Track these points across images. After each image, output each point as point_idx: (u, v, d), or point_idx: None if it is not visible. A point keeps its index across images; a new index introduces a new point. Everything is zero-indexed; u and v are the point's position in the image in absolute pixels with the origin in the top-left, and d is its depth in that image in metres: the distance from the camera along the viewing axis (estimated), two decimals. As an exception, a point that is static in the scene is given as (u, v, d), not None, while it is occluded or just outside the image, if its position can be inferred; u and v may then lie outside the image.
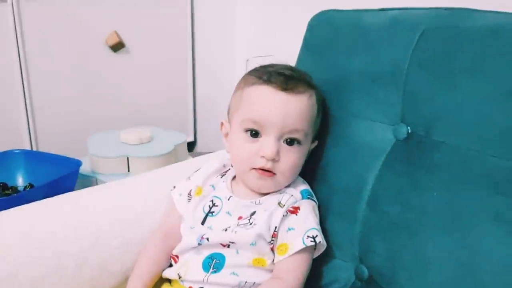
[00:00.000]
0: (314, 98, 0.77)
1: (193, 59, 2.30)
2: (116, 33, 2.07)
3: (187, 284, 0.75)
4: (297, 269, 0.73)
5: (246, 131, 0.76)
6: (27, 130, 1.89)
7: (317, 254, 0.76)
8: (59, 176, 1.36)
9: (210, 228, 0.77)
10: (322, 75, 0.81)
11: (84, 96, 2.02)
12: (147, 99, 2.19)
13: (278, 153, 0.74)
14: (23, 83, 1.86)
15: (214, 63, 2.27)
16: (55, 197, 0.85)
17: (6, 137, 1.83)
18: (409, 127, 0.70)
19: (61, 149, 1.74)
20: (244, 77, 0.80)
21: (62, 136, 1.95)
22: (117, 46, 2.09)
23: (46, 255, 0.74)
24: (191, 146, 2.41)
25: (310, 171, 0.81)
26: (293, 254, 0.72)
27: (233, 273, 0.73)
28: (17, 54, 1.83)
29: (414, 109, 0.69)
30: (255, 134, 0.75)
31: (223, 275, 0.73)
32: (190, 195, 0.83)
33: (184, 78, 2.29)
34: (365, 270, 0.73)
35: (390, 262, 0.68)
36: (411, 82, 0.70)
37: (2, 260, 0.70)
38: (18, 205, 0.81)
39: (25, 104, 1.87)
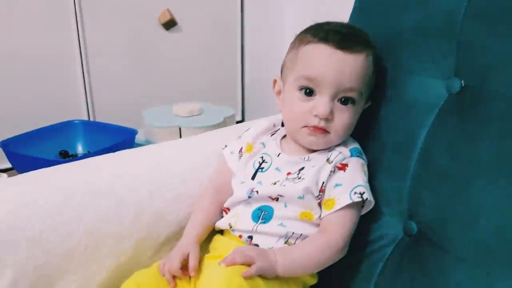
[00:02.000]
0: (371, 58, 0.77)
1: (242, 37, 2.32)
2: (169, 11, 2.12)
3: (237, 233, 0.78)
4: (343, 224, 0.74)
5: (301, 89, 0.76)
6: (85, 103, 1.99)
7: (364, 211, 0.77)
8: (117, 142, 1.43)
9: (259, 183, 0.79)
10: (374, 33, 0.81)
11: (138, 72, 2.09)
12: (198, 77, 2.24)
13: (331, 112, 0.74)
14: (81, 60, 1.95)
15: (263, 42, 2.29)
16: (115, 152, 0.90)
17: (66, 109, 1.93)
18: (462, 81, 0.70)
19: (116, 122, 1.82)
20: (299, 36, 0.80)
21: (117, 110, 2.03)
22: (169, 24, 2.14)
23: (107, 202, 0.79)
24: (239, 124, 2.45)
25: (361, 129, 0.82)
26: (339, 209, 0.73)
27: (281, 224, 0.75)
28: (76, 31, 1.92)
29: (468, 61, 0.69)
30: (309, 92, 0.75)
31: (271, 226, 0.75)
32: (241, 152, 0.86)
33: (233, 56, 2.33)
34: (414, 225, 0.73)
35: (441, 215, 0.69)
36: (465, 34, 0.69)
37: (67, 204, 0.76)
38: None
39: (83, 79, 1.96)
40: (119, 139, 1.50)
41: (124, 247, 0.79)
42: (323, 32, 0.75)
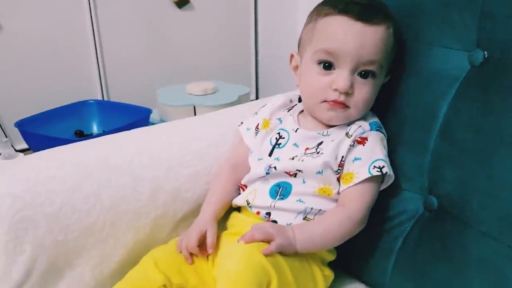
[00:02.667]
0: (391, 30, 0.75)
1: (255, 14, 2.30)
2: (181, -11, 2.10)
3: (254, 210, 0.77)
4: (362, 198, 0.73)
5: (319, 63, 0.75)
6: (99, 83, 1.99)
7: (384, 186, 0.76)
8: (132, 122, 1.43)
9: (277, 159, 0.78)
10: (395, 5, 0.79)
11: (151, 51, 2.08)
12: (211, 55, 2.23)
13: (352, 86, 0.73)
14: (95, 40, 1.95)
15: (276, 20, 2.26)
16: (131, 130, 0.90)
17: (80, 89, 1.93)
18: (485, 52, 0.68)
19: (130, 101, 1.82)
20: (317, 8, 0.78)
21: (132, 89, 2.03)
22: (182, 2, 2.12)
23: (124, 180, 0.79)
24: (253, 103, 2.44)
25: (381, 103, 0.80)
26: (358, 183, 0.73)
27: (299, 200, 0.75)
28: (89, 11, 1.91)
29: (491, 32, 0.67)
30: (328, 66, 0.74)
31: (289, 202, 0.75)
32: (258, 128, 0.85)
33: (247, 34, 2.30)
34: (435, 201, 0.72)
35: (462, 188, 0.68)
36: (488, 5, 0.67)
37: (85, 181, 0.76)
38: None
39: (97, 59, 1.96)
40: (133, 118, 1.50)
41: (142, 223, 0.79)
42: (342, 4, 0.73)
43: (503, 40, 0.66)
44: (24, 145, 1.75)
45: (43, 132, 1.54)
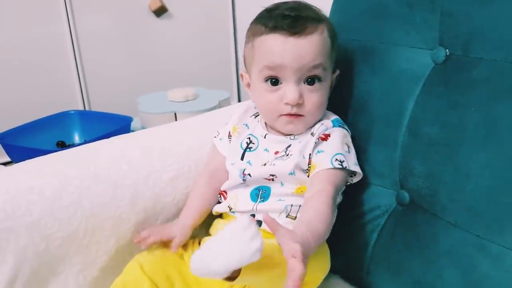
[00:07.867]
0: (325, 33, 0.76)
1: (234, 19, 2.32)
2: (159, -3, 2.11)
3: (237, 215, 0.79)
4: (329, 178, 0.73)
5: (266, 80, 0.77)
6: (80, 93, 1.99)
7: (356, 179, 0.78)
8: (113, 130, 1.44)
9: (249, 163, 0.80)
10: (359, 6, 0.82)
11: (131, 59, 2.09)
12: (192, 62, 2.24)
13: (301, 96, 0.75)
14: (74, 50, 1.95)
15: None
16: (110, 138, 0.91)
17: (61, 100, 1.93)
18: (447, 50, 0.70)
19: (111, 110, 1.82)
20: (251, 27, 0.80)
21: (112, 98, 2.03)
22: (160, 11, 2.13)
23: (104, 187, 0.80)
24: (236, 107, 2.45)
25: (350, 103, 0.83)
26: (322, 170, 0.73)
27: (279, 200, 0.76)
28: (67, 21, 1.91)
29: (452, 30, 0.69)
30: (275, 82, 0.76)
31: (270, 203, 0.77)
32: (230, 136, 0.87)
33: (226, 39, 2.32)
34: (406, 195, 0.75)
35: (430, 182, 0.70)
36: (447, 3, 0.70)
37: (64, 190, 0.77)
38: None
39: (77, 69, 1.96)
40: (115, 127, 1.50)
41: (123, 230, 0.80)
42: (272, 21, 0.75)
43: (463, 37, 0.68)
44: (6, 158, 1.74)
45: (24, 144, 1.54)
